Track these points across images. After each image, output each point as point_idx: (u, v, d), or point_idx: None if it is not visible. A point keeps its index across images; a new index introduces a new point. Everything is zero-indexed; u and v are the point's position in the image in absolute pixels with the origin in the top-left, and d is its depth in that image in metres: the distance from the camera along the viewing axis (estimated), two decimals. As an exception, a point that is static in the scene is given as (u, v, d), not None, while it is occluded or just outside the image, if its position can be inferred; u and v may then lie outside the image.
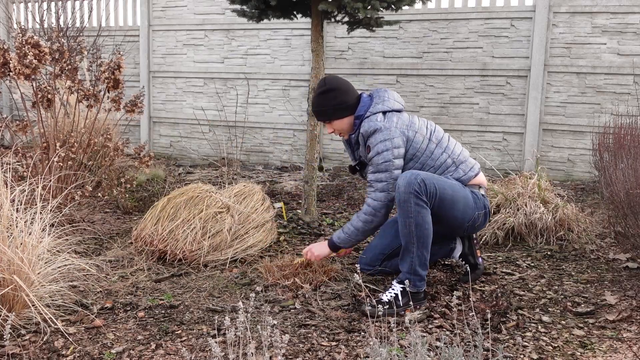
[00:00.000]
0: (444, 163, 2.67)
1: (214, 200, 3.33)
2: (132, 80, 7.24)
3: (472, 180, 2.71)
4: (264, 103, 6.70)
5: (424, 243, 2.49)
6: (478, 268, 2.85)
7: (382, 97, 2.71)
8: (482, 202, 2.70)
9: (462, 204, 2.61)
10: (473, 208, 2.66)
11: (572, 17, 5.52)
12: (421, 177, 2.47)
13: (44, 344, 2.17)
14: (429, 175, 2.51)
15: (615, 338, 2.25)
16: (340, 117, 2.72)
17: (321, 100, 2.73)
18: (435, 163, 2.66)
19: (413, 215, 2.46)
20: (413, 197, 2.45)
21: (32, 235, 2.45)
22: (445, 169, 2.67)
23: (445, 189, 2.53)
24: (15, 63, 3.55)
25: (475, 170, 2.73)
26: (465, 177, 2.69)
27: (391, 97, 2.73)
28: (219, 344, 2.15)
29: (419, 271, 2.50)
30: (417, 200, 2.45)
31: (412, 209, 2.46)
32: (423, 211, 2.47)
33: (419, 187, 2.45)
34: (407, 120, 2.67)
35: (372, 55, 6.20)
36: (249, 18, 3.90)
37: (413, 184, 2.45)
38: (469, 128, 5.92)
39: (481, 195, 2.72)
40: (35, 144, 3.97)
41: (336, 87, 2.71)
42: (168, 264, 3.08)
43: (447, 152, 2.68)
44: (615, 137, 4.30)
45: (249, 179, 5.54)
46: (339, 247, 2.77)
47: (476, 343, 1.86)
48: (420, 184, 2.45)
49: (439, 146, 2.68)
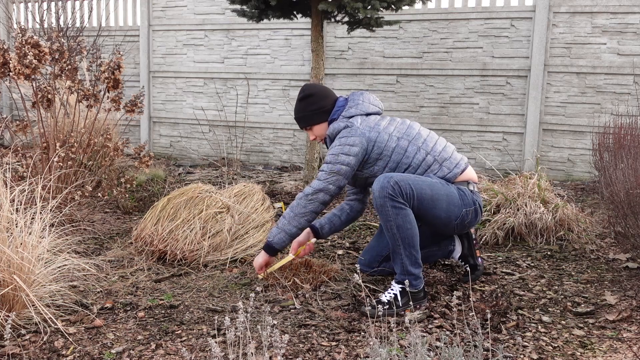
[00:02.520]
0: (423, 161, 2.63)
1: (214, 201, 3.33)
2: (132, 80, 7.24)
3: (459, 177, 2.66)
4: (264, 103, 6.70)
5: (410, 243, 2.48)
6: (478, 269, 2.85)
7: (356, 100, 2.74)
8: (470, 199, 2.64)
9: (444, 202, 2.56)
10: (459, 205, 2.60)
11: (572, 17, 5.52)
12: (394, 179, 2.46)
13: (44, 344, 2.17)
14: (403, 176, 2.50)
15: (615, 338, 2.25)
16: (319, 122, 2.77)
17: (301, 107, 2.78)
18: (412, 162, 2.62)
19: (392, 218, 2.46)
20: (388, 200, 2.44)
21: (32, 235, 2.45)
22: (427, 167, 2.63)
23: (422, 189, 2.50)
24: (15, 63, 3.55)
25: (460, 166, 2.67)
26: (451, 174, 2.64)
27: (365, 100, 2.74)
28: (219, 344, 2.15)
29: (412, 270, 2.49)
30: (393, 202, 2.44)
31: (390, 212, 2.45)
32: (402, 212, 2.46)
33: (392, 190, 2.44)
34: (372, 121, 2.67)
35: (372, 55, 6.20)
36: (249, 18, 3.90)
37: (386, 187, 2.44)
38: (469, 128, 5.92)
39: (469, 192, 2.66)
40: (35, 144, 3.97)
41: (314, 93, 2.76)
42: (168, 264, 3.08)
43: (424, 149, 2.64)
44: (615, 137, 4.30)
45: (249, 179, 5.54)
46: (273, 248, 2.70)
47: (476, 343, 1.86)
48: (394, 186, 2.44)
49: (412, 144, 2.64)
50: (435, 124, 5.94)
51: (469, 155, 5.91)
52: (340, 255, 3.29)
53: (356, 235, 3.69)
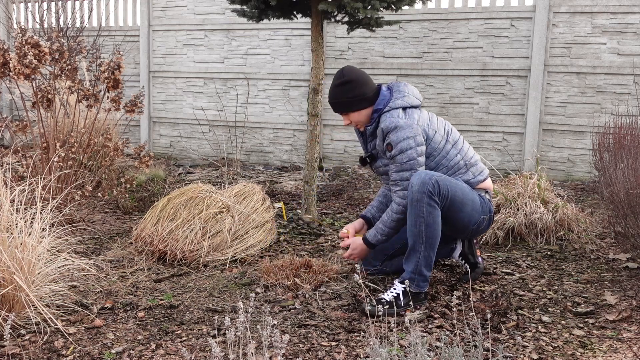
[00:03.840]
0: (457, 164, 2.66)
1: (214, 201, 3.32)
2: (132, 80, 7.24)
3: (480, 184, 2.72)
4: (264, 103, 6.70)
5: (432, 244, 2.49)
6: (478, 267, 2.85)
7: (402, 91, 2.66)
8: (488, 207, 2.72)
9: (469, 207, 2.61)
10: (480, 212, 2.67)
11: (572, 17, 5.52)
12: (435, 177, 2.46)
13: (44, 344, 2.17)
14: (442, 176, 2.51)
15: (615, 338, 2.25)
16: (358, 109, 2.67)
17: (339, 92, 2.67)
18: (449, 163, 2.65)
19: (424, 215, 2.45)
20: (426, 197, 2.44)
21: (32, 235, 2.45)
22: (457, 170, 2.66)
23: (456, 191, 2.54)
24: (15, 63, 3.55)
25: (484, 174, 2.74)
26: (474, 180, 2.69)
27: (410, 93, 2.68)
28: (219, 344, 2.15)
29: (424, 272, 2.51)
30: (430, 200, 2.45)
31: (425, 209, 2.45)
32: (435, 212, 2.47)
33: (432, 188, 2.44)
34: (427, 118, 2.65)
35: (372, 55, 6.20)
36: (249, 18, 3.90)
37: (427, 184, 2.44)
38: (469, 128, 5.92)
39: (487, 200, 2.73)
40: (35, 144, 3.97)
41: (354, 79, 2.65)
42: (168, 264, 3.07)
43: (461, 154, 2.68)
44: (615, 137, 4.30)
45: (249, 179, 5.54)
46: (376, 246, 2.75)
47: (476, 343, 1.86)
48: (435, 185, 2.44)
49: (455, 147, 2.68)
50: (435, 124, 5.94)
51: (469, 155, 5.91)
52: (341, 255, 3.29)
53: (356, 235, 3.69)
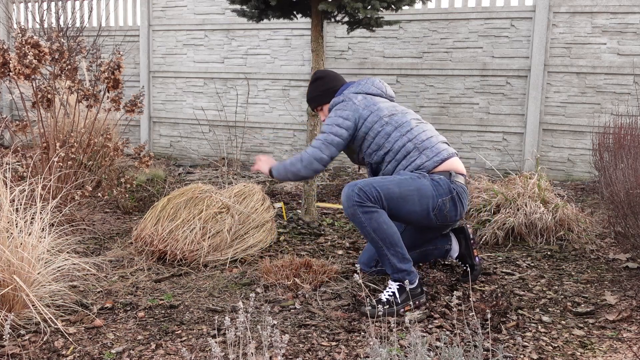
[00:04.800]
0: (403, 147, 2.67)
1: (214, 201, 3.32)
2: (132, 80, 7.24)
3: (440, 166, 2.63)
4: (264, 103, 6.70)
5: (391, 241, 2.51)
6: (476, 268, 2.84)
7: (361, 82, 2.89)
8: (446, 188, 2.59)
9: (415, 196, 2.55)
10: (433, 196, 2.56)
11: (572, 17, 5.52)
12: (358, 185, 2.51)
13: (44, 344, 2.17)
14: (367, 180, 2.55)
15: (615, 338, 2.25)
16: (327, 102, 2.94)
17: (312, 89, 2.99)
18: (392, 146, 2.68)
19: (366, 223, 2.50)
20: (357, 207, 2.49)
21: (32, 235, 2.45)
22: (407, 153, 2.66)
23: (388, 188, 2.53)
24: (15, 63, 3.55)
25: (442, 155, 2.65)
26: (430, 162, 2.63)
27: (369, 83, 2.89)
28: (219, 344, 2.15)
29: (402, 267, 2.52)
30: (362, 208, 2.49)
31: (362, 218, 2.50)
32: (374, 215, 2.49)
33: (358, 197, 2.49)
34: (372, 102, 2.77)
35: (372, 55, 6.20)
36: (249, 18, 3.90)
37: (351, 196, 2.50)
38: (469, 128, 5.92)
39: (446, 181, 2.60)
40: (35, 144, 3.97)
41: (324, 76, 2.98)
42: (168, 264, 3.08)
43: (407, 137, 2.68)
44: (615, 137, 4.30)
45: (249, 179, 5.54)
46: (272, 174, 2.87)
47: (476, 343, 1.86)
48: (359, 193, 2.49)
49: (398, 130, 2.69)
50: (435, 124, 5.93)
51: (468, 155, 5.91)
52: (340, 255, 3.29)
53: (356, 235, 3.69)
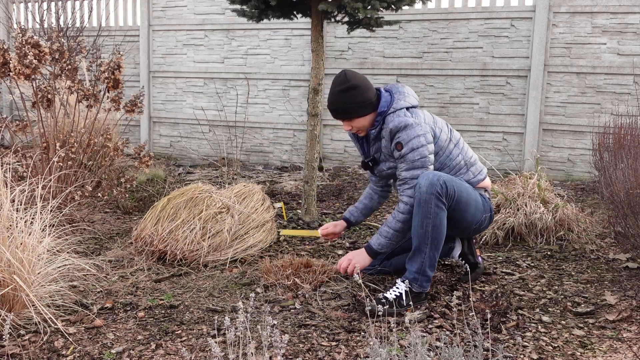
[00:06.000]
0: (458, 164, 2.67)
1: (214, 201, 3.32)
2: (132, 80, 7.24)
3: (480, 184, 2.73)
4: (264, 103, 6.70)
5: (437, 245, 2.50)
6: (478, 267, 2.86)
7: (403, 92, 2.64)
8: (488, 206, 2.74)
9: (473, 207, 2.63)
10: (482, 211, 2.68)
11: (572, 17, 5.52)
12: (443, 178, 2.46)
13: (44, 344, 2.17)
14: (449, 177, 2.51)
15: (615, 338, 2.25)
16: (363, 115, 2.59)
17: (344, 98, 2.56)
18: (451, 163, 2.66)
19: (432, 216, 2.45)
20: (435, 198, 2.43)
21: (32, 235, 2.45)
22: (458, 170, 2.68)
23: (462, 192, 2.55)
24: (15, 63, 3.55)
25: (483, 174, 2.75)
26: (475, 179, 2.70)
27: (410, 93, 2.67)
28: (219, 344, 2.15)
29: (428, 272, 2.51)
30: (438, 202, 2.44)
31: (432, 210, 2.44)
32: (442, 213, 2.47)
33: (440, 189, 2.44)
34: (430, 117, 2.67)
35: (372, 55, 6.20)
36: (249, 18, 3.90)
37: (436, 185, 2.43)
38: (469, 128, 5.92)
39: (487, 199, 2.75)
40: (35, 144, 3.96)
41: (359, 84, 2.57)
42: (168, 264, 3.07)
43: (462, 154, 2.69)
44: (615, 137, 4.30)
45: (249, 179, 5.54)
46: (379, 253, 2.66)
47: (476, 343, 1.86)
48: (443, 185, 2.44)
49: (457, 147, 2.68)
50: (435, 124, 5.94)
51: (469, 155, 5.91)
52: (341, 255, 3.29)
53: (356, 235, 3.69)
